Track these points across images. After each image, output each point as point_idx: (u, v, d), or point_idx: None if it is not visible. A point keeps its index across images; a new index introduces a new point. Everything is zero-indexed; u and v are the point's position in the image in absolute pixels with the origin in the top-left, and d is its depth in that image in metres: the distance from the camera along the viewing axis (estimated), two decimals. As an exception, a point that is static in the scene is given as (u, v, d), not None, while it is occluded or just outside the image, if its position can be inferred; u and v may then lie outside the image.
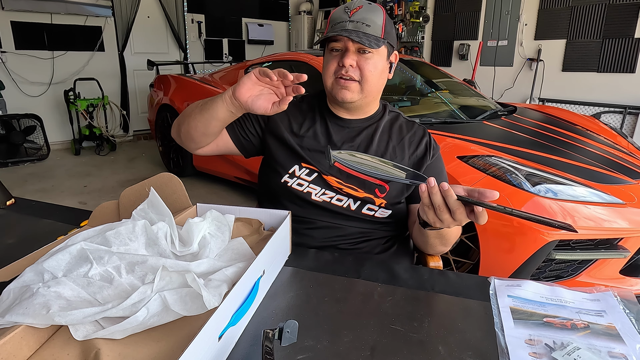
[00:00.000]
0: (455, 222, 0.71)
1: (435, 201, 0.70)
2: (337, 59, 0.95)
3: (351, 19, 0.93)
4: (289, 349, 0.58)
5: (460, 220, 0.70)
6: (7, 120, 4.22)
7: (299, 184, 1.00)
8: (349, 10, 0.94)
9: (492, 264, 1.80)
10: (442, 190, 0.68)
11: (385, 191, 0.98)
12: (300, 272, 0.81)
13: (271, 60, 3.47)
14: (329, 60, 0.97)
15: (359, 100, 0.98)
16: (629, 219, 1.73)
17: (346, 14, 0.94)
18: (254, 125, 1.06)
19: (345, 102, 0.98)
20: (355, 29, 0.92)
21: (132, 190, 0.88)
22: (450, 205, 0.68)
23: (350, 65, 0.93)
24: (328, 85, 0.98)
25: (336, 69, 0.96)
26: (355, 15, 0.93)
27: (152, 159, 4.56)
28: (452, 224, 0.72)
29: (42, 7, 4.46)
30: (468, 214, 0.69)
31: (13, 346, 0.50)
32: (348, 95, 0.96)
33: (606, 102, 4.34)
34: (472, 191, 0.67)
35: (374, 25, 0.93)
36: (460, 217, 0.69)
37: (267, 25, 6.50)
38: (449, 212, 0.69)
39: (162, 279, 0.60)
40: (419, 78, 3.13)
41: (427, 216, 0.74)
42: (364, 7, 0.94)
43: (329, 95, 1.01)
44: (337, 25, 0.94)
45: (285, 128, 1.04)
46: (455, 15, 5.29)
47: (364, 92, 0.97)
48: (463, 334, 0.63)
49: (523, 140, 2.17)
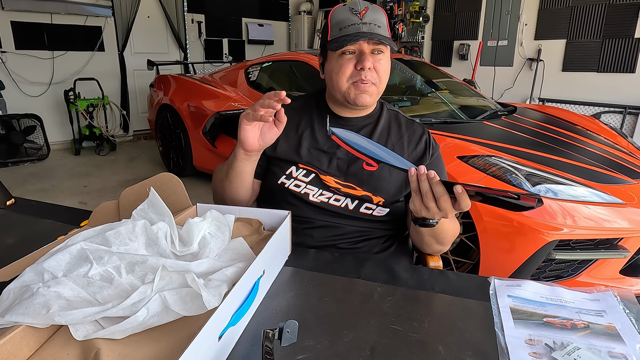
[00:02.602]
0: (440, 212, 0.73)
1: (422, 187, 0.72)
2: (353, 62, 0.94)
3: (363, 21, 0.92)
4: (289, 349, 0.58)
5: (445, 209, 0.72)
6: (7, 120, 4.22)
7: (296, 185, 1.00)
8: (357, 12, 0.92)
9: (492, 264, 1.80)
10: (428, 177, 0.71)
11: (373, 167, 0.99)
12: (300, 272, 0.81)
13: (271, 60, 3.47)
14: (342, 64, 0.94)
15: (373, 102, 0.99)
16: (629, 219, 1.73)
17: (355, 16, 0.92)
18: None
19: (364, 105, 0.98)
20: (370, 30, 0.91)
21: (132, 190, 0.88)
22: (435, 192, 0.71)
23: (369, 68, 0.93)
24: (342, 89, 0.96)
25: (353, 73, 0.94)
26: (366, 17, 0.92)
27: (152, 159, 4.57)
28: (437, 215, 0.74)
29: (42, 7, 4.46)
30: (453, 204, 0.71)
31: (13, 346, 0.50)
32: (368, 99, 0.96)
33: (606, 102, 4.34)
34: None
35: (383, 26, 0.93)
36: (445, 204, 0.71)
37: (267, 25, 6.50)
38: (435, 200, 0.72)
39: (162, 279, 0.60)
40: (419, 78, 3.13)
41: (414, 204, 0.76)
42: (370, 8, 0.94)
43: (341, 99, 0.99)
44: (350, 28, 0.92)
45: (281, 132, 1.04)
46: (455, 15, 5.29)
47: (378, 93, 0.98)
48: (463, 334, 0.63)
49: (523, 140, 2.17)
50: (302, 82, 3.20)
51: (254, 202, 1.11)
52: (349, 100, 0.97)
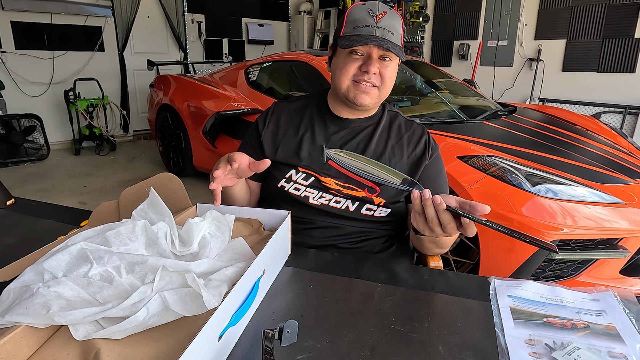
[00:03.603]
0: (445, 234, 0.72)
1: (427, 213, 0.70)
2: (358, 63, 0.94)
3: (378, 25, 0.91)
4: (289, 349, 0.58)
5: (450, 233, 0.71)
6: (7, 120, 4.22)
7: (295, 189, 1.00)
8: (374, 15, 0.92)
9: (492, 264, 1.80)
10: (435, 204, 0.68)
11: (375, 192, 0.98)
12: (300, 272, 0.81)
13: (271, 60, 3.47)
14: (347, 62, 0.95)
15: (373, 104, 0.99)
16: (629, 219, 1.73)
17: (372, 18, 0.91)
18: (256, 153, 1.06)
19: (363, 106, 0.98)
20: (382, 36, 0.91)
21: (132, 190, 0.88)
22: (442, 219, 0.69)
23: (373, 73, 0.93)
24: (343, 87, 0.96)
25: (356, 73, 0.94)
26: (381, 22, 0.91)
27: (152, 159, 4.56)
28: (441, 236, 0.73)
29: (42, 7, 4.46)
30: (457, 227, 0.69)
31: (13, 346, 0.50)
32: (367, 100, 0.96)
33: (606, 102, 4.34)
34: (463, 203, 0.67)
35: (397, 33, 0.92)
36: (451, 230, 0.70)
37: (267, 25, 6.50)
38: (440, 226, 0.70)
39: (162, 279, 0.60)
40: (419, 78, 3.13)
41: (417, 224, 0.74)
42: (388, 13, 0.93)
43: (342, 96, 0.99)
44: (363, 29, 0.91)
45: (280, 134, 1.04)
46: (455, 15, 5.29)
47: (380, 97, 0.98)
48: (463, 334, 0.63)
49: (523, 140, 2.17)
50: (302, 82, 3.20)
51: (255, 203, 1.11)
52: (348, 98, 0.97)
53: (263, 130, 1.06)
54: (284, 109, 1.09)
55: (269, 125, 1.06)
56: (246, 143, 1.10)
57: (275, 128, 1.05)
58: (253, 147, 1.07)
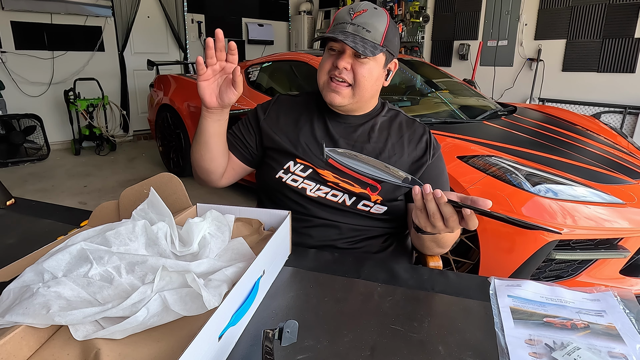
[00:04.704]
0: (447, 229, 0.71)
1: (429, 208, 0.70)
2: (333, 59, 0.95)
3: (352, 22, 0.92)
4: (289, 349, 0.58)
5: (452, 227, 0.70)
6: (7, 120, 4.22)
7: (293, 180, 1.01)
8: (352, 12, 0.93)
9: (492, 264, 1.80)
10: (436, 197, 0.69)
11: (377, 190, 0.98)
12: (300, 272, 0.81)
13: (271, 60, 3.47)
14: (325, 59, 0.97)
15: (349, 105, 0.98)
16: (629, 218, 1.73)
17: (349, 16, 0.93)
18: (251, 134, 1.08)
19: (334, 105, 0.98)
20: (354, 32, 0.91)
21: (132, 190, 0.88)
22: (444, 212, 0.69)
23: (344, 68, 0.93)
24: (320, 83, 0.98)
25: (330, 69, 0.95)
26: (357, 19, 0.92)
27: (152, 159, 4.56)
28: (443, 231, 0.73)
29: (42, 7, 4.46)
30: (460, 221, 0.69)
31: (13, 346, 0.50)
32: (337, 99, 0.96)
33: (606, 102, 4.34)
34: (464, 198, 0.68)
35: (374, 31, 0.92)
36: (453, 224, 0.70)
37: (267, 25, 6.50)
38: (442, 220, 0.70)
39: (162, 279, 0.60)
40: (419, 78, 3.12)
41: (419, 220, 0.74)
42: (369, 11, 0.93)
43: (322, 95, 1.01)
44: (338, 26, 0.93)
45: (280, 125, 1.05)
46: (455, 15, 5.29)
47: (356, 97, 0.97)
48: (463, 334, 0.63)
49: (523, 140, 2.17)
50: (302, 82, 3.20)
51: (255, 201, 1.11)
52: (325, 97, 0.98)
53: (264, 117, 1.07)
54: (286, 102, 1.10)
55: (270, 114, 1.07)
56: (242, 123, 1.10)
57: (276, 117, 1.06)
58: (249, 129, 1.08)
